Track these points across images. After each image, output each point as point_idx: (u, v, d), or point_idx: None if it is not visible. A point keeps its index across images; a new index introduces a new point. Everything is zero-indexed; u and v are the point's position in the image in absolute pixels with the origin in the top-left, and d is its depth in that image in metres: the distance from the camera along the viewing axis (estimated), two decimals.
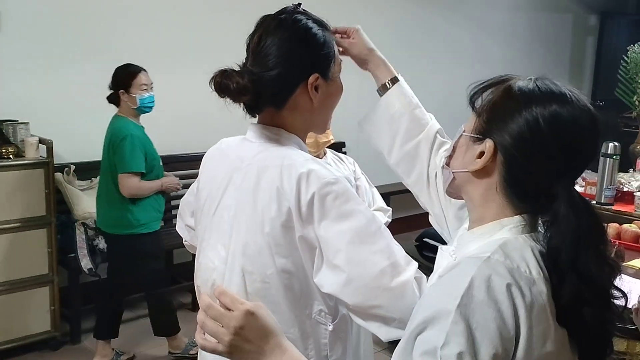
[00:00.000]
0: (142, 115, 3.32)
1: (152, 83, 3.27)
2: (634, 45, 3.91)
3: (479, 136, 0.97)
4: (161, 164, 3.41)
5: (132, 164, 3.15)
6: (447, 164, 1.05)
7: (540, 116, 0.91)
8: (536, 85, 0.95)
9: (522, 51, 6.71)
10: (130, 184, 3.17)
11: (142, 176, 3.23)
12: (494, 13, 6.41)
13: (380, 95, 1.46)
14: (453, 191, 1.07)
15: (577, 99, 0.94)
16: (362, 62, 1.47)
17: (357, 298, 1.17)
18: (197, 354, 3.70)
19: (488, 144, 0.95)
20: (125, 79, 3.21)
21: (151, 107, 3.28)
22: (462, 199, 1.06)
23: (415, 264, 1.21)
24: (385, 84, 1.44)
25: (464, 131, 1.02)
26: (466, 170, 0.99)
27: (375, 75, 1.47)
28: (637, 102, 3.87)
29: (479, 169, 0.96)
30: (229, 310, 0.98)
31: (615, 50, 4.70)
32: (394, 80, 1.44)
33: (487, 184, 0.97)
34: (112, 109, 3.30)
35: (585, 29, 7.64)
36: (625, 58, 3.89)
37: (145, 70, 3.27)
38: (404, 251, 1.22)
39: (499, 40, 6.50)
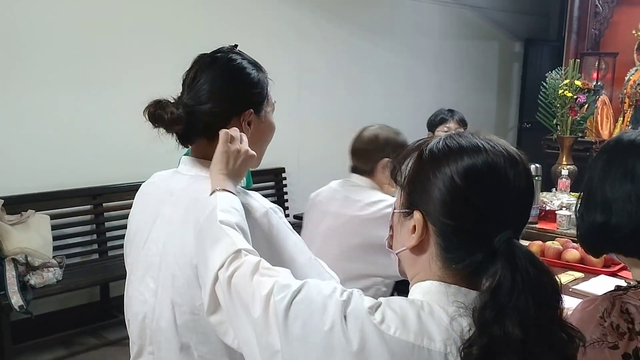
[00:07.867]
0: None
1: None
2: (551, 72, 4.08)
3: (407, 210, 0.94)
4: None
5: None
6: (390, 246, 1.01)
7: (454, 173, 0.88)
8: (445, 143, 0.92)
9: (451, 77, 6.94)
10: None
11: None
12: (424, 40, 6.60)
13: None
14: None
15: (491, 146, 0.90)
16: None
17: None
18: None
19: (416, 216, 0.92)
20: None
21: None
22: None
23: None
24: None
25: (394, 208, 0.99)
26: (405, 247, 0.94)
27: None
28: (557, 126, 4.06)
29: (417, 245, 0.92)
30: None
31: (539, 75, 4.95)
32: None
33: (427, 259, 0.92)
34: (40, 142, 3.29)
35: (511, 55, 8.00)
36: (545, 84, 4.06)
37: None
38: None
39: (429, 66, 6.68)
